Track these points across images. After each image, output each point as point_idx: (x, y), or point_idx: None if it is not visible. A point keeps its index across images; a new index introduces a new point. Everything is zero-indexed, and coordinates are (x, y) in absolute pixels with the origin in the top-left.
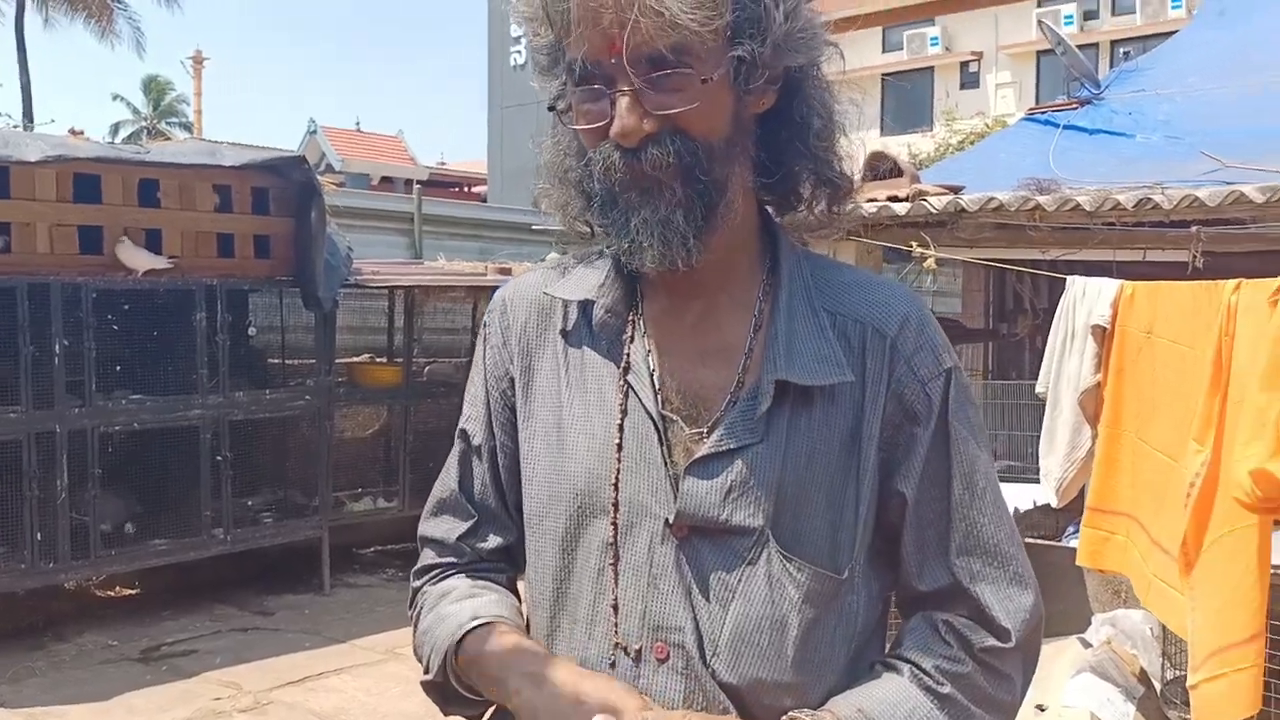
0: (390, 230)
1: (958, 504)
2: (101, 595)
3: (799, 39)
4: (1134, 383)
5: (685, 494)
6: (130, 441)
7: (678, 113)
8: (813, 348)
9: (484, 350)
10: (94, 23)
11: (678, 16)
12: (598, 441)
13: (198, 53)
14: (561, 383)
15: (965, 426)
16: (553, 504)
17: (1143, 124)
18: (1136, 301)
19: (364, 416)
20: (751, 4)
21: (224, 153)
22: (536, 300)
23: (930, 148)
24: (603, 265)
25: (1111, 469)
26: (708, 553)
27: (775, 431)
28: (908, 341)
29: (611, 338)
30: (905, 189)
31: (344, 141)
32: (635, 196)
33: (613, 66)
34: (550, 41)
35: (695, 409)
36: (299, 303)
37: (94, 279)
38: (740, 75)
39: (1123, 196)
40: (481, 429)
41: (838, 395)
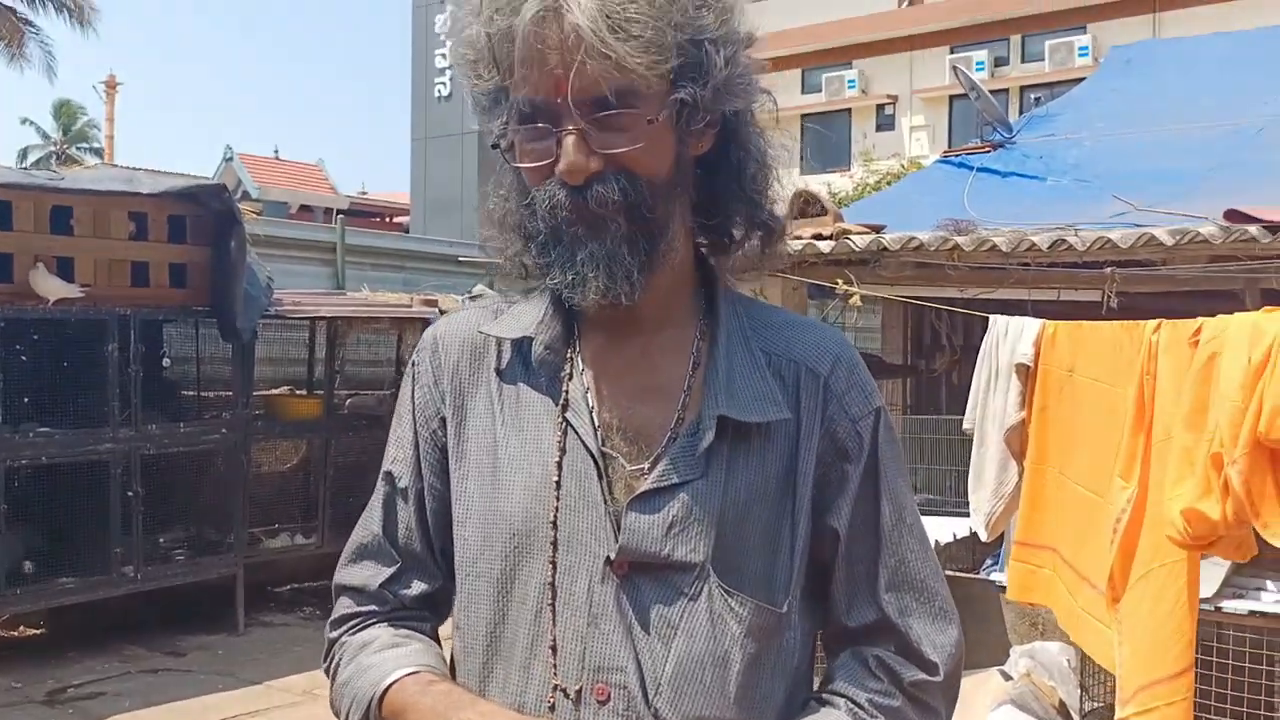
0: (312, 260)
1: (887, 540)
2: (5, 635)
3: (738, 84)
4: (1056, 420)
5: (628, 529)
6: (38, 476)
7: (623, 152)
8: (752, 386)
9: (412, 389)
10: (4, 45)
11: (625, 60)
12: (535, 480)
13: (111, 77)
14: (496, 421)
15: (893, 464)
16: (488, 545)
17: (1053, 167)
18: (1058, 340)
19: (282, 450)
20: (694, 49)
21: (141, 180)
22: (470, 339)
23: (849, 186)
24: (539, 303)
25: (1036, 504)
26: (649, 589)
27: (715, 467)
28: (840, 381)
29: (550, 375)
30: (829, 228)
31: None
32: (581, 231)
33: (559, 106)
34: (494, 84)
35: (635, 446)
36: (216, 333)
37: (3, 308)
38: (682, 117)
39: (1037, 238)
40: (408, 471)
41: (774, 433)
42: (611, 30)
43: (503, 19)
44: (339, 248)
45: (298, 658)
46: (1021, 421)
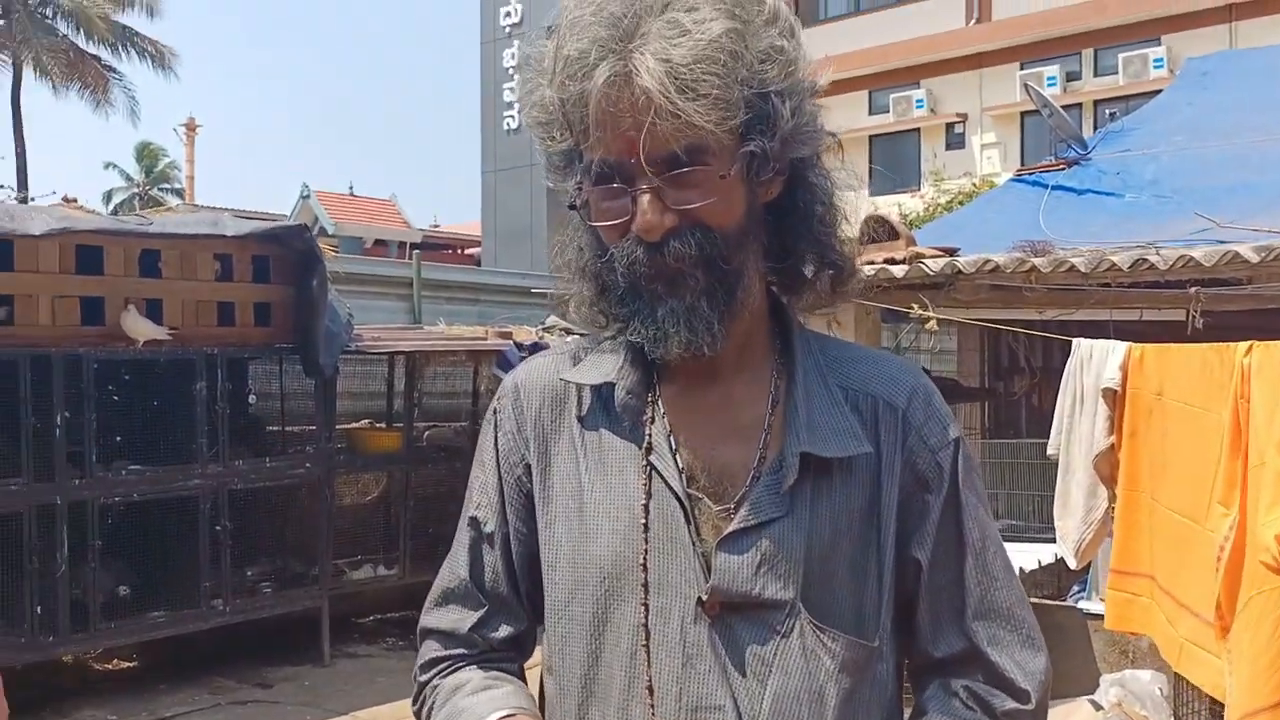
0: (389, 295)
1: (971, 569)
2: (100, 669)
3: (805, 132)
4: (1146, 445)
5: (719, 570)
6: (129, 512)
7: (697, 207)
8: (831, 421)
9: (495, 436)
10: (89, 92)
11: (694, 118)
12: (623, 524)
13: (190, 119)
14: (580, 466)
15: (974, 493)
16: (579, 589)
17: (1131, 183)
18: (1146, 364)
19: (364, 483)
20: (761, 103)
21: (226, 223)
22: (550, 385)
23: (919, 207)
24: (617, 350)
25: (1131, 531)
26: (741, 629)
27: (799, 504)
28: (917, 413)
29: (632, 419)
30: (902, 251)
31: (337, 205)
32: (660, 287)
33: (632, 166)
34: (567, 145)
35: (719, 486)
36: (299, 369)
37: (95, 349)
38: (752, 168)
39: (1117, 257)
40: (494, 516)
41: (855, 467)
42: (680, 91)
43: (575, 84)
44: (415, 282)
45: (382, 689)
46: (1110, 447)
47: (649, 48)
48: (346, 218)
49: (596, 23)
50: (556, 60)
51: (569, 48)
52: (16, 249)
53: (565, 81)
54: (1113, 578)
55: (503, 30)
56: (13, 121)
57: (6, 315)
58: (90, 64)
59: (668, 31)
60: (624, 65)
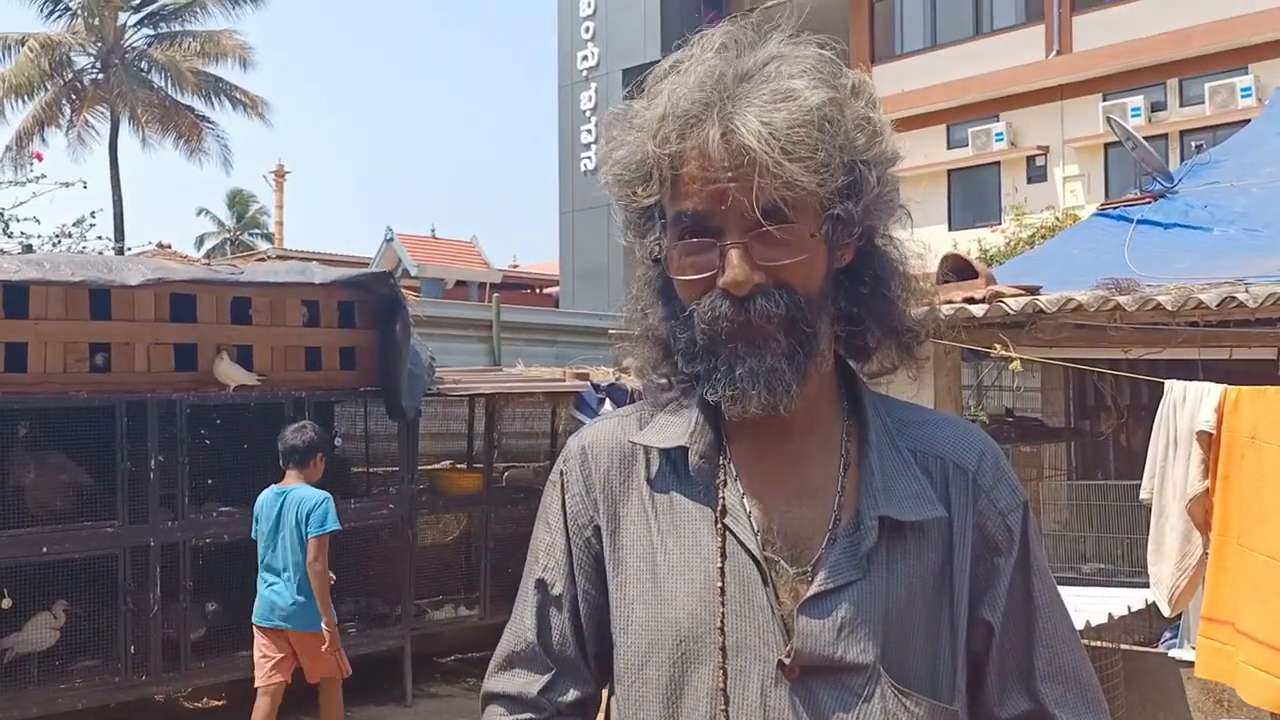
0: (470, 338)
1: (1041, 632)
2: (190, 707)
3: (886, 201)
4: (1238, 489)
5: (801, 634)
6: (220, 553)
7: (785, 265)
8: (905, 485)
9: (562, 499)
10: (184, 142)
11: (794, 177)
12: (698, 586)
13: (280, 166)
14: (652, 530)
15: (1041, 555)
16: (654, 651)
17: (1219, 217)
18: (1241, 406)
19: (445, 523)
20: (851, 169)
21: (313, 271)
22: (619, 448)
23: (1000, 242)
24: (686, 412)
25: (1221, 577)
26: (822, 693)
27: (876, 567)
28: (987, 476)
29: (705, 482)
30: (981, 290)
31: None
32: (740, 347)
33: (724, 219)
34: (653, 201)
35: (795, 549)
36: (383, 411)
37: (188, 395)
38: (836, 233)
39: (1205, 295)
40: (561, 578)
41: (927, 530)
42: (784, 151)
43: (674, 143)
44: (494, 324)
45: None
46: (1205, 491)
47: (752, 110)
48: (429, 259)
49: (704, 84)
50: (661, 118)
51: (676, 106)
52: (114, 298)
53: (667, 138)
54: (1204, 625)
55: (580, 74)
56: (110, 172)
57: (104, 362)
58: (184, 114)
59: (772, 98)
60: (727, 125)
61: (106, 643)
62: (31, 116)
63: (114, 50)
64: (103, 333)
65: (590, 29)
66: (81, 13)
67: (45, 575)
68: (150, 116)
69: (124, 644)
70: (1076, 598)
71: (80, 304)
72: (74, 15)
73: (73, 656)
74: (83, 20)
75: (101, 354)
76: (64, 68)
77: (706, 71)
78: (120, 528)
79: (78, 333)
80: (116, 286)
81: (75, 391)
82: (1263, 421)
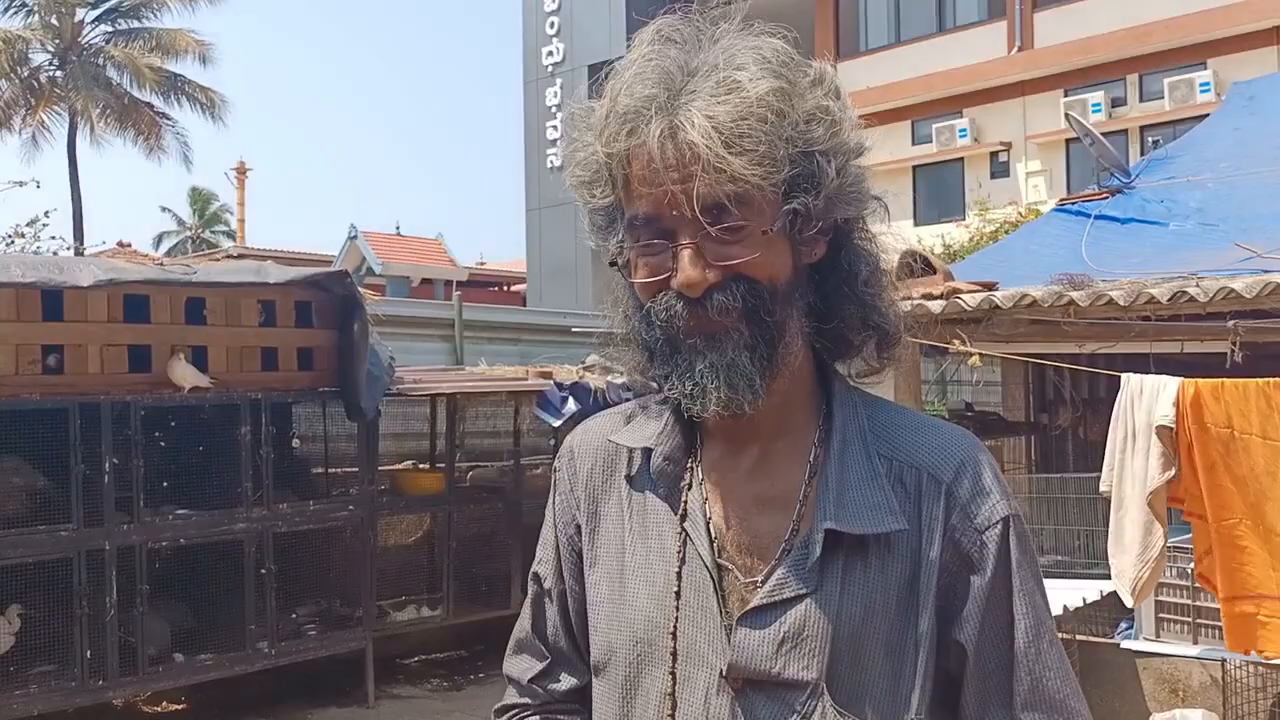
0: (432, 336)
1: (1022, 656)
2: (149, 711)
3: (849, 193)
4: (1234, 476)
5: (737, 645)
6: (177, 556)
7: (739, 263)
8: (865, 496)
9: (553, 496)
10: (143, 139)
11: (739, 172)
12: (657, 589)
13: (241, 163)
14: (625, 529)
15: (1028, 575)
16: (614, 650)
17: (1175, 211)
18: (1204, 400)
19: (407, 524)
20: (806, 161)
21: (269, 270)
22: (603, 447)
23: (964, 237)
24: (664, 413)
25: (1237, 558)
26: (762, 706)
27: (829, 581)
28: (963, 488)
29: (670, 485)
30: (939, 286)
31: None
32: (700, 342)
33: (673, 219)
34: (609, 201)
35: (750, 558)
36: (342, 412)
37: (142, 397)
38: (796, 226)
39: (1157, 290)
40: (552, 573)
41: (893, 544)
42: (726, 145)
43: (622, 140)
44: (457, 323)
45: None
46: (1166, 483)
47: (696, 104)
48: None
49: (647, 82)
50: (607, 117)
51: (620, 105)
52: (66, 299)
53: (613, 137)
54: (1225, 606)
55: (545, 70)
56: (69, 170)
57: (56, 364)
58: (143, 112)
59: (716, 90)
60: (671, 121)
61: (63, 647)
62: None
63: (71, 47)
64: (55, 334)
65: (555, 24)
66: (39, 9)
67: None
68: (108, 114)
69: (80, 648)
70: None
71: (32, 305)
72: (30, 12)
73: (28, 662)
74: (39, 17)
75: (54, 355)
76: (21, 65)
77: (653, 68)
78: (75, 531)
79: (29, 334)
80: (68, 287)
81: (27, 394)
82: (1235, 416)
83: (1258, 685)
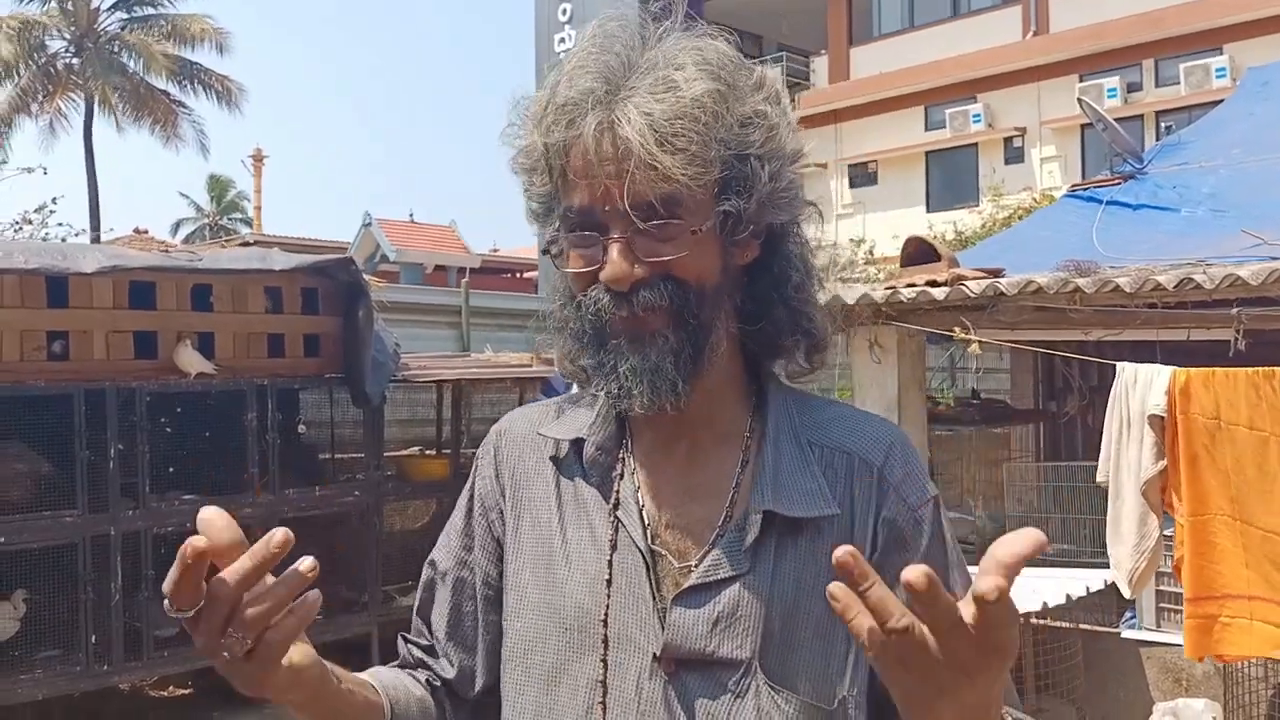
0: (439, 323)
1: None
2: (155, 695)
3: (782, 198)
4: (1217, 469)
5: (672, 625)
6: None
7: (666, 260)
8: (799, 482)
9: (474, 481)
10: (159, 128)
11: (670, 171)
12: (588, 577)
13: (258, 151)
14: (553, 517)
15: (955, 550)
16: (541, 639)
17: (1188, 198)
18: (1194, 389)
19: (413, 509)
20: (739, 164)
21: (274, 257)
22: (529, 437)
23: (977, 223)
24: (594, 403)
25: (1208, 555)
26: (696, 687)
27: (762, 563)
28: (895, 470)
29: (602, 474)
30: (943, 273)
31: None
32: (624, 343)
33: (606, 214)
34: (547, 190)
35: (684, 543)
36: (348, 398)
37: (148, 383)
38: (727, 228)
39: (1163, 277)
40: (451, 558)
41: (824, 527)
42: (659, 144)
43: (560, 131)
44: (464, 310)
45: None
46: (1160, 473)
47: (633, 100)
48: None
49: (589, 74)
50: (547, 107)
51: (560, 96)
52: (71, 286)
53: (551, 127)
54: (1191, 606)
55: (557, 56)
56: (85, 158)
57: (62, 350)
58: (159, 99)
59: (653, 88)
60: (608, 115)
61: (68, 633)
62: (6, 103)
63: (87, 34)
64: (60, 320)
65: (567, 11)
66: None
67: (4, 565)
68: (124, 101)
69: (85, 633)
70: (1038, 579)
71: (37, 292)
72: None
73: (34, 646)
74: (55, 3)
75: (59, 342)
76: (39, 51)
77: (595, 61)
78: (79, 517)
79: (34, 320)
80: (72, 274)
81: (32, 380)
82: (1223, 406)
83: (1260, 675)
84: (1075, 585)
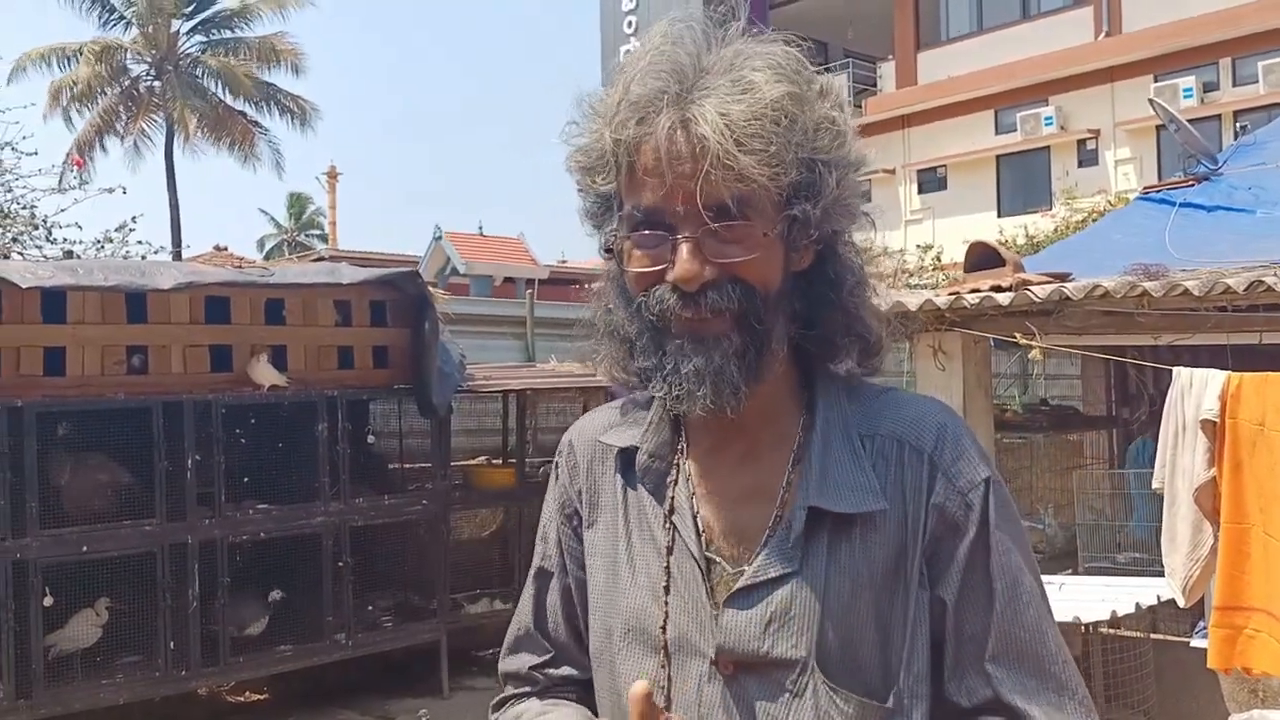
0: (505, 335)
1: (999, 617)
2: (233, 701)
3: (845, 205)
4: (1253, 477)
5: (724, 628)
6: (257, 550)
7: (737, 262)
8: (847, 476)
9: (553, 489)
10: (237, 148)
11: (747, 170)
12: (650, 581)
13: (332, 168)
14: (619, 521)
15: (1008, 538)
16: (609, 641)
17: (1264, 199)
18: (1244, 393)
19: (480, 518)
20: (809, 170)
21: (343, 271)
22: (595, 443)
23: (1049, 227)
24: (648, 409)
25: (1240, 565)
26: (754, 688)
27: (814, 560)
28: (945, 454)
29: (657, 481)
30: (1008, 278)
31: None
32: (687, 344)
33: (675, 214)
34: (609, 189)
35: (737, 547)
36: (416, 408)
37: (223, 395)
38: (792, 233)
39: (1233, 280)
40: (554, 565)
41: (878, 521)
42: (737, 143)
43: (631, 127)
44: (529, 321)
45: None
46: (1212, 480)
47: (710, 100)
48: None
49: (662, 73)
50: (618, 104)
51: (633, 93)
52: (149, 302)
53: (623, 124)
54: (1217, 615)
55: None
56: (167, 177)
57: (141, 364)
58: (237, 120)
59: (730, 89)
60: (683, 114)
61: (147, 638)
62: (91, 125)
63: (168, 57)
64: (139, 336)
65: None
66: (136, 21)
67: (87, 573)
68: (204, 123)
69: (164, 639)
70: (1107, 588)
71: (117, 308)
72: (128, 25)
73: (115, 652)
74: (137, 28)
75: (138, 356)
76: (121, 74)
77: (666, 60)
78: (159, 526)
79: (114, 336)
80: (150, 290)
81: (113, 394)
82: (1269, 410)
83: None
84: (1146, 594)
